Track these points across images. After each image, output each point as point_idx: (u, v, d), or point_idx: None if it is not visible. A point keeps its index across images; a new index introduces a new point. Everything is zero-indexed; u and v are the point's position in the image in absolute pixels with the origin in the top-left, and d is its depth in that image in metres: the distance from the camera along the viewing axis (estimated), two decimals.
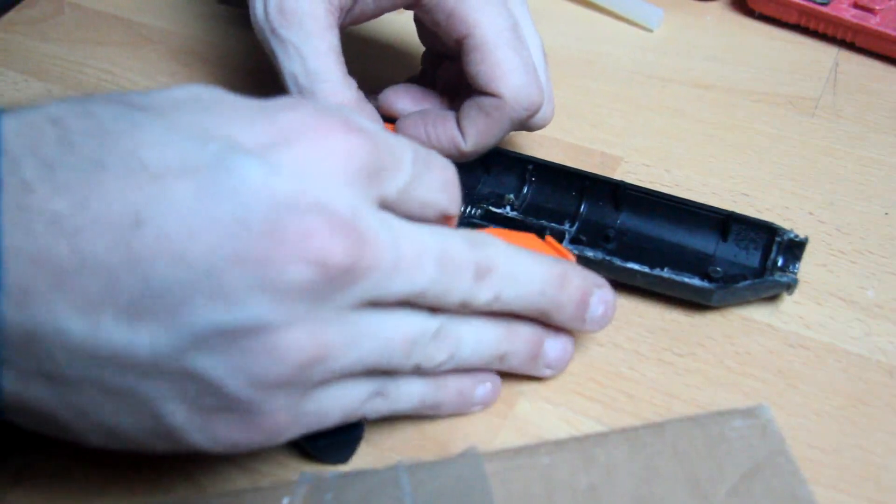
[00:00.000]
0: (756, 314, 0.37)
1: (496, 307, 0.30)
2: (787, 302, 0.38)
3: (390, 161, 0.27)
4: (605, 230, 0.39)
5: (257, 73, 0.51)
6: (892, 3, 0.50)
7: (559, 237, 0.38)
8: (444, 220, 0.31)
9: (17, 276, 0.22)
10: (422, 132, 0.38)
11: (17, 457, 0.30)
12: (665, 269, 0.36)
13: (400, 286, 0.27)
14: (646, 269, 0.36)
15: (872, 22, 0.50)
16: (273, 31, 0.36)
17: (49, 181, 0.23)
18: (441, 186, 0.30)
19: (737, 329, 0.37)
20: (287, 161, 0.24)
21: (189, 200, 0.23)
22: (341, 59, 0.37)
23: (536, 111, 0.37)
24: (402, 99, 0.40)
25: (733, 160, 0.45)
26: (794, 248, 0.37)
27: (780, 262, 0.36)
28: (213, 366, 0.24)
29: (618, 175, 0.44)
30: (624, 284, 0.37)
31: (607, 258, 0.37)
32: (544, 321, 0.33)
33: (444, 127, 0.38)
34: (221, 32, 0.54)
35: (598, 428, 0.33)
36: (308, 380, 0.26)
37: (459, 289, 0.29)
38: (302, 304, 0.24)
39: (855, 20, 0.50)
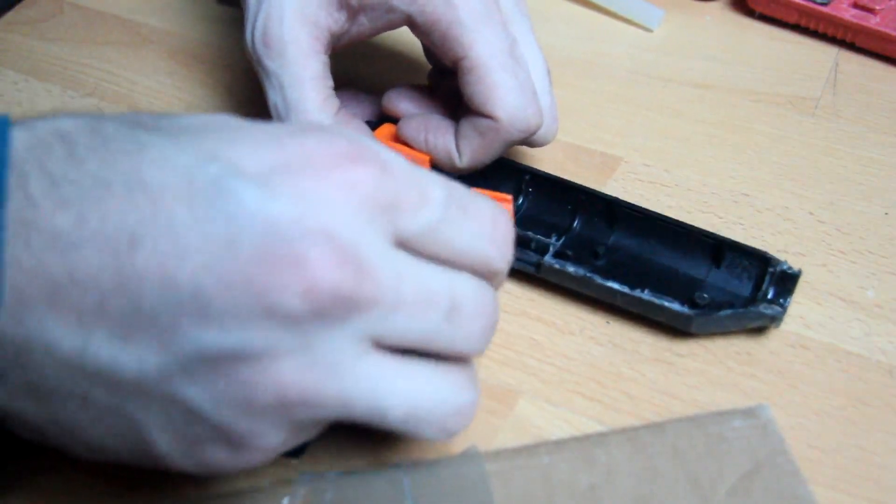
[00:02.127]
0: None
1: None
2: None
3: (412, 197, 0.26)
4: (596, 246, 0.38)
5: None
6: (892, 3, 0.50)
7: (543, 250, 0.38)
8: (489, 275, 0.28)
9: (14, 290, 0.22)
10: (421, 138, 0.38)
11: (17, 459, 0.30)
12: (646, 291, 0.36)
13: (400, 327, 0.25)
14: (625, 290, 0.36)
15: (872, 22, 0.50)
16: (258, 60, 0.36)
17: (52, 197, 0.23)
18: (482, 236, 0.27)
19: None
20: (287, 187, 0.24)
21: (183, 221, 0.23)
22: (324, 84, 0.37)
23: (533, 132, 0.37)
24: (405, 101, 0.40)
25: (733, 160, 0.45)
26: (787, 281, 0.36)
27: (770, 294, 0.36)
28: (198, 393, 0.24)
29: (618, 175, 0.44)
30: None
31: (588, 275, 0.36)
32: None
33: (444, 138, 0.38)
34: (221, 33, 0.54)
35: (598, 428, 0.33)
36: (293, 417, 0.25)
37: (463, 338, 0.27)
38: (290, 334, 0.23)
39: (855, 20, 0.50)
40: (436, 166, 0.39)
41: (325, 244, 0.23)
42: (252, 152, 0.24)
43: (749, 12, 0.54)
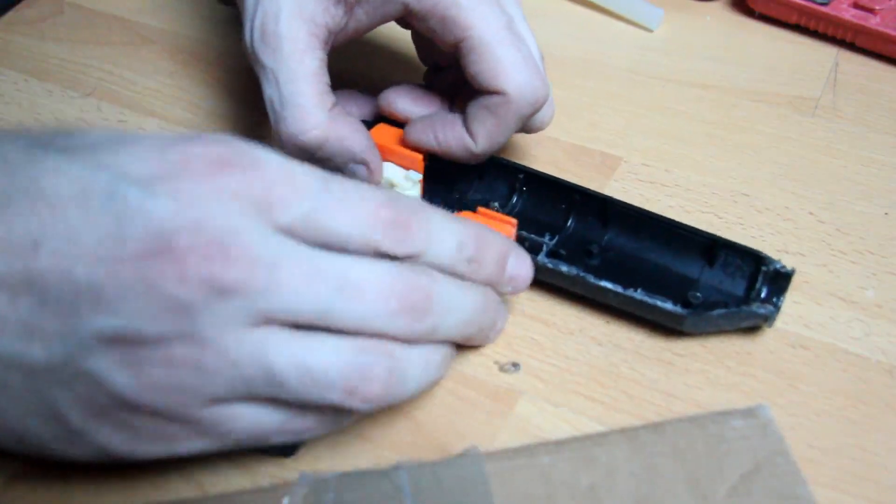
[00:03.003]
0: None
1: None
2: (787, 302, 0.38)
3: (285, 190, 0.28)
4: (590, 246, 0.38)
5: None
6: (892, 3, 0.50)
7: (536, 250, 0.38)
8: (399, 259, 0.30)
9: None
10: (431, 137, 0.38)
11: (13, 457, 0.30)
12: (638, 291, 0.36)
13: (284, 304, 0.27)
14: (619, 289, 0.36)
15: (872, 22, 0.50)
16: (255, 57, 0.37)
17: None
18: (365, 222, 0.29)
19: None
20: (166, 189, 0.27)
21: (78, 223, 0.26)
22: (320, 80, 0.37)
23: (541, 105, 0.37)
24: (401, 100, 0.40)
25: (733, 160, 0.45)
26: (780, 280, 0.36)
27: (763, 293, 0.36)
28: (98, 366, 0.26)
29: (618, 175, 0.44)
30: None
31: (581, 275, 0.36)
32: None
33: (454, 131, 0.38)
34: (221, 32, 0.54)
35: (599, 428, 0.33)
36: (193, 391, 0.27)
37: (369, 315, 0.29)
38: (175, 317, 0.26)
39: (855, 20, 0.50)
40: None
41: (196, 236, 0.26)
42: (138, 160, 0.27)
43: (749, 12, 0.54)
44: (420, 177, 0.39)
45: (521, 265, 0.34)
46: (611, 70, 0.51)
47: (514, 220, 0.38)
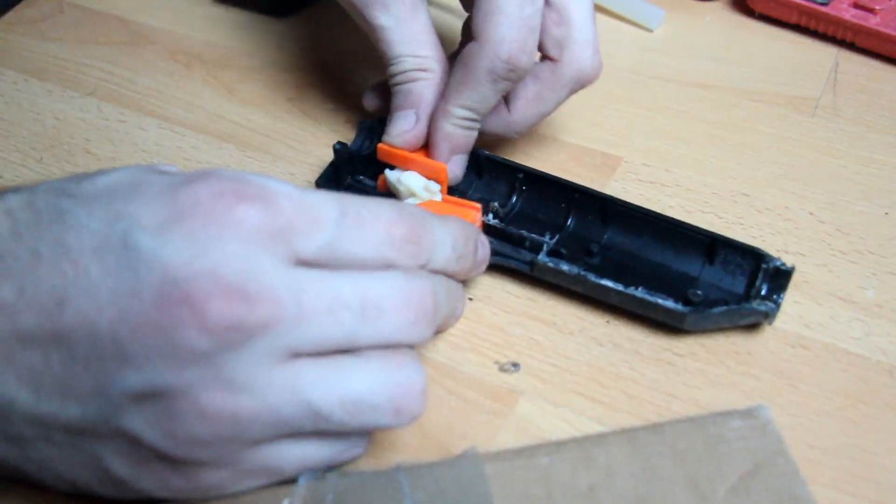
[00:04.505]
0: None
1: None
2: (788, 302, 0.38)
3: (302, 223, 0.28)
4: (590, 244, 0.38)
5: (257, 72, 0.51)
6: (892, 3, 0.50)
7: (537, 249, 0.38)
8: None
9: None
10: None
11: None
12: (639, 289, 0.36)
13: (311, 336, 0.27)
14: (619, 288, 0.36)
15: (872, 22, 0.50)
16: None
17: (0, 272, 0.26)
18: (382, 241, 0.29)
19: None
20: (179, 233, 0.26)
21: (98, 278, 0.26)
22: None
23: (591, 80, 0.40)
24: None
25: (733, 160, 0.45)
26: (780, 277, 0.36)
27: (763, 290, 0.36)
28: (135, 424, 0.26)
29: (618, 175, 0.44)
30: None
31: (582, 273, 0.36)
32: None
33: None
34: (221, 32, 0.54)
35: (599, 428, 0.34)
36: (234, 438, 0.27)
37: (391, 332, 0.29)
38: (201, 367, 0.26)
39: (855, 20, 0.50)
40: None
41: (213, 281, 0.25)
42: (150, 205, 0.27)
43: (749, 12, 0.54)
44: (439, 187, 0.40)
45: (485, 251, 0.35)
46: (611, 70, 0.51)
47: (479, 205, 0.38)
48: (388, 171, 0.40)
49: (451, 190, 0.41)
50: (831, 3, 0.51)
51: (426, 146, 0.40)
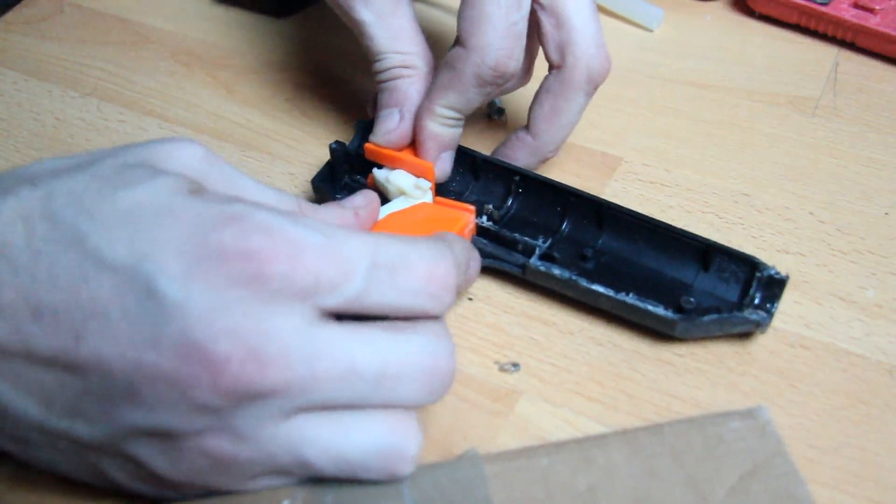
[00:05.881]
0: None
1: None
2: (787, 302, 0.38)
3: (331, 275, 0.27)
4: (585, 249, 0.38)
5: (256, 72, 0.51)
6: (892, 3, 0.50)
7: (530, 252, 0.38)
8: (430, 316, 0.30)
9: None
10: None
11: (14, 458, 0.30)
12: (630, 295, 0.35)
13: (320, 399, 0.27)
14: (610, 293, 0.36)
15: (872, 22, 0.50)
16: None
17: (14, 286, 0.26)
18: (415, 292, 0.29)
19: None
20: (203, 286, 0.26)
21: (118, 320, 0.26)
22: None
23: (602, 80, 0.40)
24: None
25: (733, 160, 0.45)
26: (774, 286, 0.36)
27: (757, 299, 0.35)
28: (140, 452, 0.27)
29: (618, 175, 0.44)
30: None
31: (574, 278, 0.36)
32: None
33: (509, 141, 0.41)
34: (221, 32, 0.54)
35: (599, 428, 0.34)
36: (231, 473, 0.28)
37: (401, 398, 0.28)
38: (207, 417, 0.26)
39: (855, 20, 0.50)
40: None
41: (231, 342, 0.25)
42: (176, 250, 0.26)
43: (749, 12, 0.54)
44: (430, 185, 0.40)
45: (477, 267, 0.35)
46: (611, 70, 0.51)
47: (472, 207, 0.38)
48: (375, 171, 0.40)
49: (448, 192, 0.41)
50: (831, 3, 0.51)
51: (413, 144, 0.40)
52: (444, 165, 0.40)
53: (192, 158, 0.30)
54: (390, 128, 0.39)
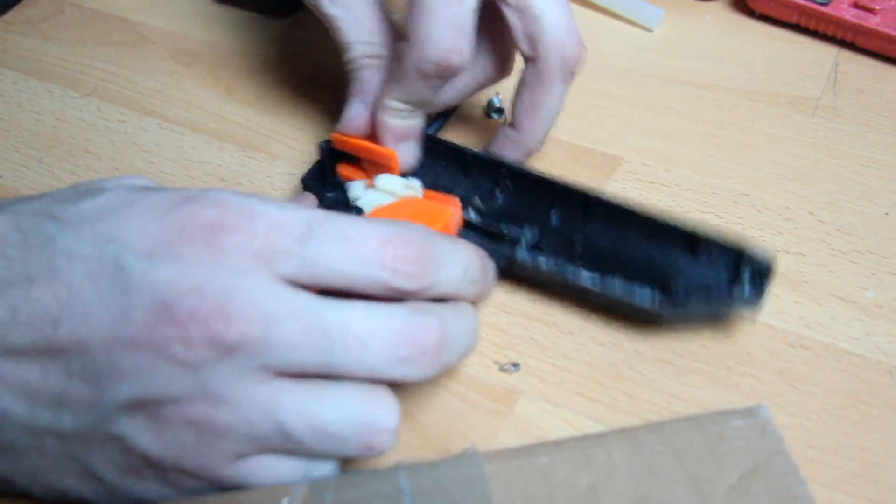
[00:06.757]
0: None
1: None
2: (788, 302, 0.38)
3: (282, 241, 0.28)
4: (572, 241, 0.38)
5: (257, 72, 0.51)
6: (892, 3, 0.50)
7: (515, 244, 0.38)
8: (399, 296, 0.30)
9: None
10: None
11: None
12: (616, 285, 0.35)
13: (286, 358, 0.28)
14: (596, 279, 0.36)
15: (872, 22, 0.50)
16: None
17: None
18: (370, 260, 0.29)
19: (737, 329, 0.37)
20: (167, 258, 0.28)
21: (92, 300, 0.27)
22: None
23: (577, 65, 0.39)
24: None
25: (733, 160, 0.45)
26: (763, 271, 0.35)
27: (746, 283, 0.35)
28: (126, 429, 0.28)
29: (618, 175, 0.44)
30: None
31: (559, 265, 0.36)
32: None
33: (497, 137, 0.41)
34: (221, 32, 0.54)
35: (599, 428, 0.34)
36: (215, 448, 0.28)
37: (372, 364, 0.29)
38: (187, 380, 0.27)
39: (855, 20, 0.50)
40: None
41: (196, 300, 0.27)
42: (139, 230, 0.28)
43: (749, 12, 0.54)
44: (419, 183, 0.39)
45: (492, 272, 0.35)
46: (611, 70, 0.51)
47: (457, 200, 0.38)
48: (349, 184, 0.40)
49: (437, 188, 0.41)
50: (831, 3, 0.51)
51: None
52: (405, 155, 0.40)
53: (142, 181, 0.32)
54: (353, 115, 0.40)
